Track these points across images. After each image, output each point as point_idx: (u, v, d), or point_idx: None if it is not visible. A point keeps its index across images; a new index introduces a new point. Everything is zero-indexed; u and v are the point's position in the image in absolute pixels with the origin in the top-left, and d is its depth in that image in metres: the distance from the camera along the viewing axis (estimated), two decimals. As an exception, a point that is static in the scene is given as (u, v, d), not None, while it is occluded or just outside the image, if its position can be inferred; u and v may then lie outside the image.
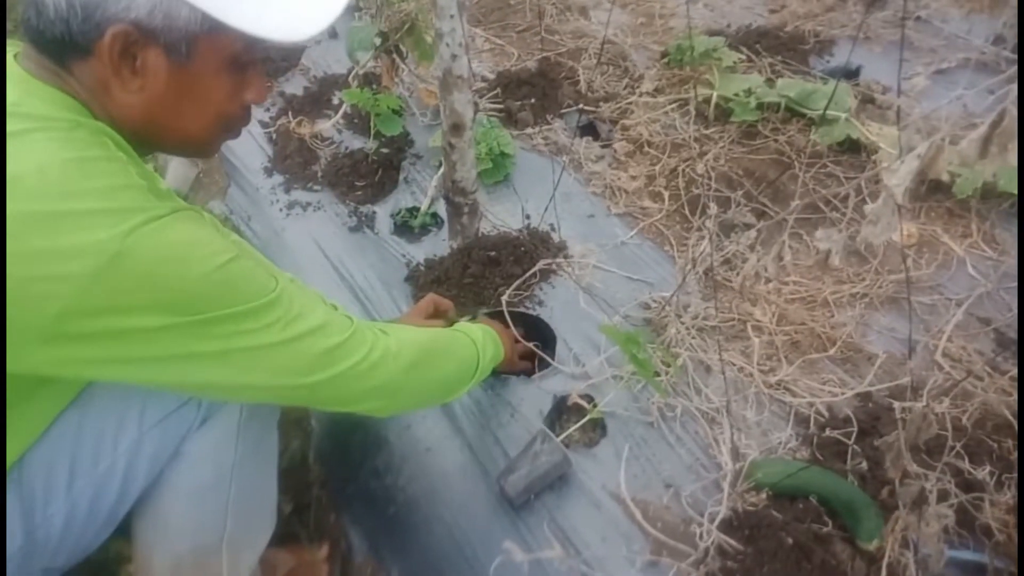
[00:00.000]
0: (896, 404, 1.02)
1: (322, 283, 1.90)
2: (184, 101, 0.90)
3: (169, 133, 0.92)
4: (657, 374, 1.49)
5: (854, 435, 1.37)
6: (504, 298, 1.64)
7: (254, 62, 0.96)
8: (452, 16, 1.49)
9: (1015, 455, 1.30)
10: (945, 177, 0.88)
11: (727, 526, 1.23)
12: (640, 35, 2.81)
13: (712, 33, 2.62)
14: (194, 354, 0.83)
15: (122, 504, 0.99)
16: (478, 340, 1.29)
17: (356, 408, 1.06)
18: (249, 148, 2.41)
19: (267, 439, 1.16)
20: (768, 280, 1.58)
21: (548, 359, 1.55)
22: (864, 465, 1.32)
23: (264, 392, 0.95)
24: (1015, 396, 1.42)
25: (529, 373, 1.54)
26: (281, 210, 2.15)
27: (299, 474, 1.59)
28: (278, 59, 2.76)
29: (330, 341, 0.95)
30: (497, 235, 1.87)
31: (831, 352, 1.57)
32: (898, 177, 0.91)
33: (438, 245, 1.95)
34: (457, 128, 1.64)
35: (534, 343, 1.56)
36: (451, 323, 1.48)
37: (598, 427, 1.45)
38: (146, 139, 0.92)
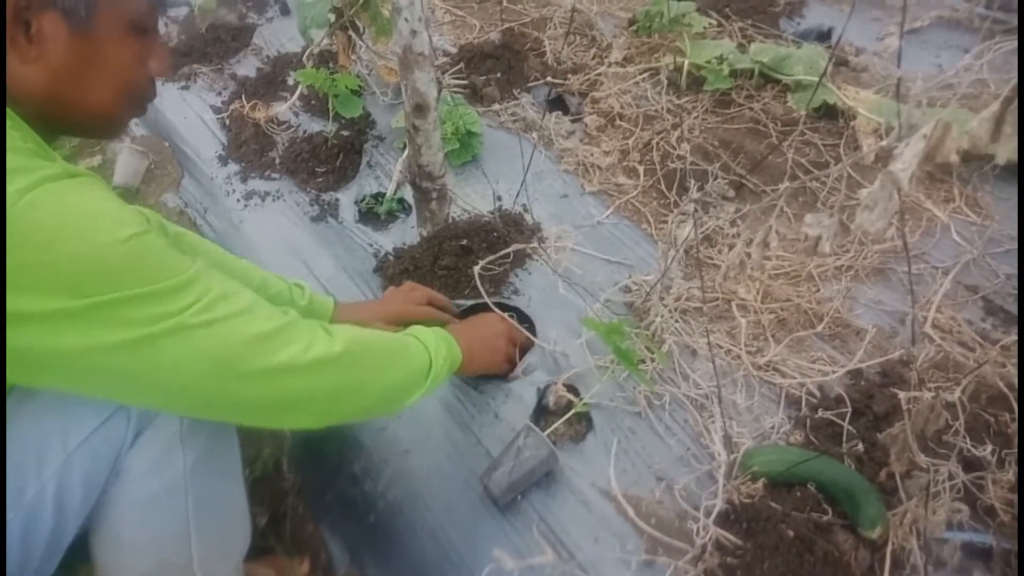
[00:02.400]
0: (902, 394, 0.96)
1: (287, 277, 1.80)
2: (88, 70, 0.83)
3: (74, 107, 0.85)
4: (642, 362, 1.43)
5: (848, 416, 1.33)
6: (477, 269, 1.55)
7: (155, 27, 0.90)
8: (410, -11, 1.39)
9: (1013, 428, 1.27)
10: (954, 159, 0.81)
11: (724, 520, 1.18)
12: (605, 2, 2.72)
13: (679, -3, 2.53)
14: (101, 346, 0.73)
15: (62, 531, 0.90)
16: (430, 344, 1.16)
17: (287, 419, 0.96)
18: (202, 136, 2.29)
19: (221, 444, 1.06)
20: (749, 255, 1.51)
21: (532, 337, 1.49)
22: (860, 447, 1.28)
23: (186, 395, 0.83)
24: (1008, 367, 1.38)
25: (506, 373, 1.46)
26: (239, 200, 2.05)
27: (273, 483, 1.51)
28: (228, 39, 2.62)
29: (261, 327, 0.84)
30: (468, 220, 1.79)
31: (819, 328, 1.52)
32: (903, 161, 0.84)
33: (407, 233, 1.86)
34: (420, 109, 1.55)
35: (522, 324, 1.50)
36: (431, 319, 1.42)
37: (584, 420, 1.39)
38: (50, 117, 0.84)
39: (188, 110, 2.38)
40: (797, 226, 1.73)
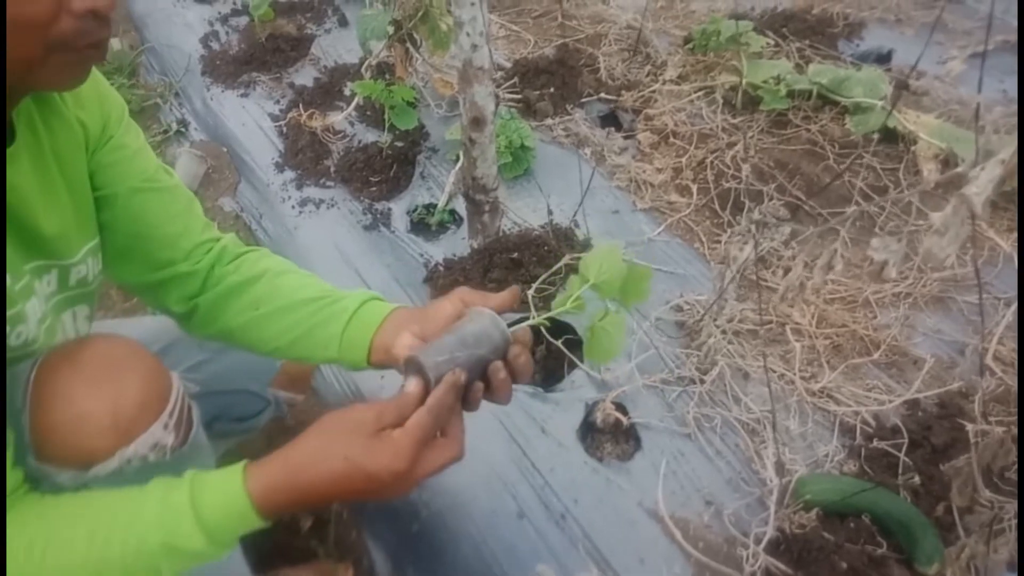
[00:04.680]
0: (970, 427, 0.94)
1: (339, 284, 1.80)
2: None
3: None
4: (692, 383, 1.41)
5: (904, 447, 1.30)
6: (531, 292, 1.55)
7: None
8: (473, 4, 1.40)
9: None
10: (1032, 185, 0.80)
11: (774, 548, 1.16)
12: (661, 19, 2.71)
13: (736, 17, 2.51)
14: None
15: None
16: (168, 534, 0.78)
17: None
18: (259, 142, 2.33)
19: None
20: (811, 276, 1.47)
21: (577, 361, 1.48)
22: (917, 479, 1.25)
23: None
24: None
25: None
26: (293, 207, 2.08)
27: (318, 487, 1.52)
28: (287, 49, 2.68)
29: None
30: (518, 234, 1.79)
31: (875, 356, 1.49)
32: (978, 185, 0.83)
33: (457, 244, 1.87)
34: (478, 122, 1.56)
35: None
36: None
37: (632, 439, 1.38)
38: None
39: (247, 117, 2.43)
40: (855, 250, 1.70)
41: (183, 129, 2.59)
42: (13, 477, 0.78)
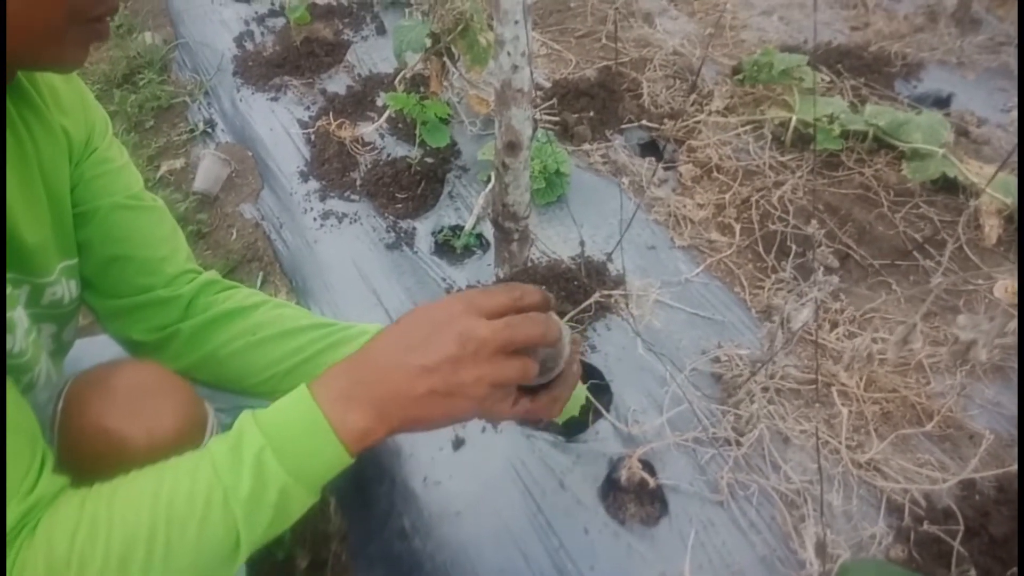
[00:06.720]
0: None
1: (356, 305, 1.74)
2: None
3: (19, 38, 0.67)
4: (728, 444, 1.30)
5: (959, 535, 1.18)
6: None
7: None
8: (517, 22, 1.31)
9: None
10: None
11: (811, 642, 1.04)
12: (709, 47, 2.61)
13: (787, 49, 2.41)
14: None
15: None
16: (232, 497, 0.69)
17: None
18: (285, 149, 2.26)
19: None
20: (880, 348, 1.35)
21: (603, 410, 1.38)
22: (973, 573, 1.12)
23: None
24: None
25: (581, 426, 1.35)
26: (315, 219, 2.00)
27: (318, 524, 1.43)
28: (322, 54, 2.61)
29: None
30: (547, 265, 1.69)
31: (928, 427, 1.37)
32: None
33: (482, 270, 1.78)
34: (513, 147, 1.47)
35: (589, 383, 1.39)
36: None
37: (658, 501, 1.27)
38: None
39: (275, 122, 2.36)
40: (907, 307, 1.58)
41: (209, 129, 2.53)
42: (59, 482, 0.71)
